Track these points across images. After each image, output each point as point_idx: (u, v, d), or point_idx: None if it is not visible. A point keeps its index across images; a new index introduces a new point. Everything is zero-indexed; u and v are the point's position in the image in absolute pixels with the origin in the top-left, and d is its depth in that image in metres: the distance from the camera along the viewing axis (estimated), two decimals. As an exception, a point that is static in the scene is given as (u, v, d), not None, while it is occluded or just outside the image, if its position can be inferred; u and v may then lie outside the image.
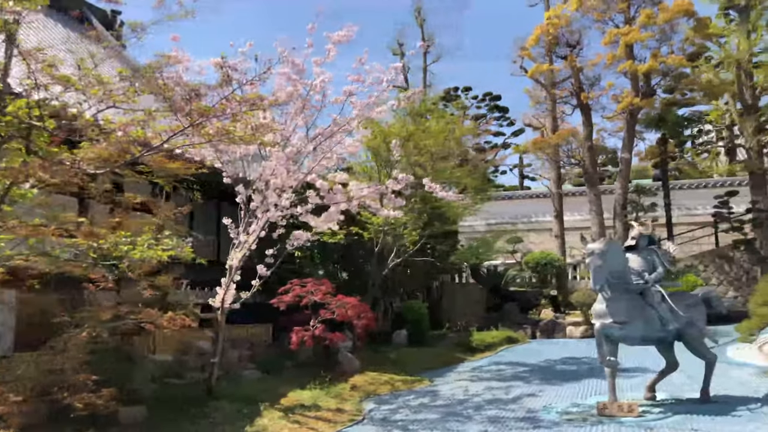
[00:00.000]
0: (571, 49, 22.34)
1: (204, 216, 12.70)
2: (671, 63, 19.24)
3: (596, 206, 21.64)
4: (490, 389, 10.06)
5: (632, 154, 21.86)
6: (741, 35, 22.37)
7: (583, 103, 21.31)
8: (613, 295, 8.07)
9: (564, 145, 22.07)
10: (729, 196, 21.94)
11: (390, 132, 11.38)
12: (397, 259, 12.47)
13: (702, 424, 7.19)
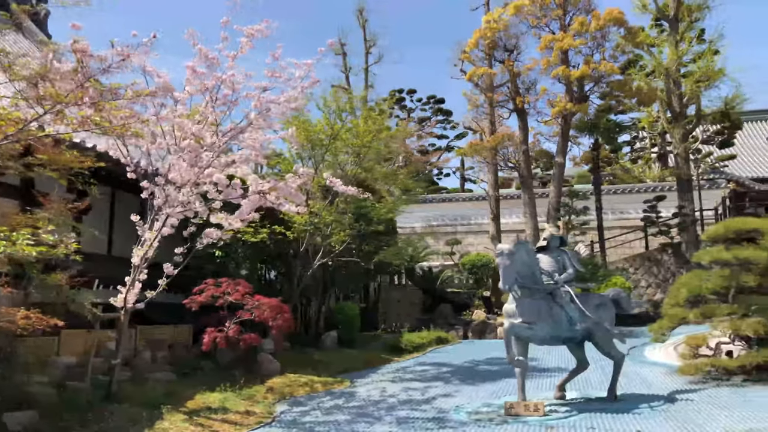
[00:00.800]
0: (509, 53, 22.65)
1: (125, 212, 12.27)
2: (603, 70, 19.72)
3: (530, 209, 21.98)
4: (408, 390, 10.02)
5: (566, 159, 22.29)
6: (670, 45, 23.19)
7: (519, 107, 21.63)
8: (523, 295, 8.15)
9: (502, 148, 22.33)
10: (657, 200, 22.67)
11: (315, 130, 11.22)
12: (322, 260, 12.29)
13: (601, 422, 7.31)
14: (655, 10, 23.86)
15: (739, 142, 36.75)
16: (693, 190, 22.80)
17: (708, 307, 10.02)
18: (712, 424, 7.03)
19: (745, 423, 7.01)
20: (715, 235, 10.38)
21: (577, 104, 20.67)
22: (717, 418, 7.25)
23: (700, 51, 23.15)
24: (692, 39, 24.12)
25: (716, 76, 22.18)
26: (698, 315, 10.13)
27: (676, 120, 22.61)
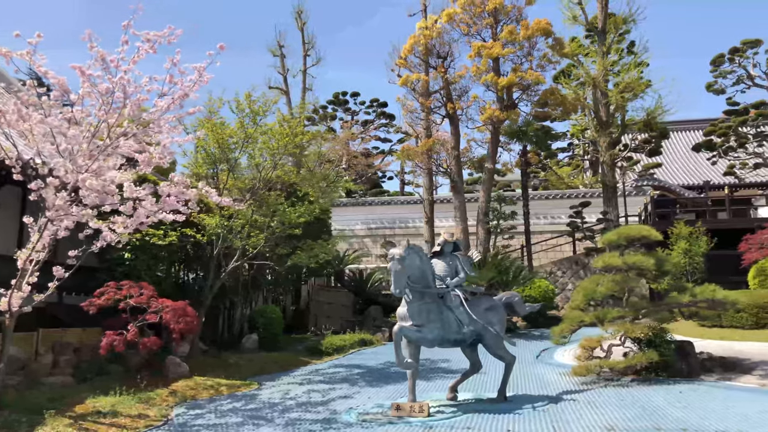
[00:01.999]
0: (443, 60, 23.07)
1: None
2: (529, 78, 20.28)
3: (461, 213, 22.43)
4: (311, 392, 10.13)
5: (495, 164, 22.82)
6: (598, 56, 24.00)
7: (451, 113, 22.05)
8: (414, 298, 8.38)
9: (434, 153, 22.71)
10: (582, 206, 23.42)
11: (226, 133, 11.23)
12: (236, 263, 12.30)
13: (480, 422, 7.57)
14: (584, 21, 24.66)
15: (666, 151, 38.26)
16: (618, 197, 23.64)
17: (600, 310, 10.47)
18: (579, 422, 7.39)
19: (610, 420, 7.39)
20: (609, 241, 10.85)
21: (505, 111, 21.22)
22: (586, 417, 7.63)
23: (627, 62, 24.04)
24: (620, 51, 25.09)
25: (640, 87, 23.09)
26: (592, 318, 10.57)
27: (602, 129, 23.43)
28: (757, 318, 13.39)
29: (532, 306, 9.98)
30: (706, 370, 10.42)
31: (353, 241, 30.07)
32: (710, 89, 30.66)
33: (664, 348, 10.27)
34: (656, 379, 10.09)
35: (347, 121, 37.93)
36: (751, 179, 32.30)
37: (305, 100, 26.53)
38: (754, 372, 10.04)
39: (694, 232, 18.74)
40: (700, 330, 14.10)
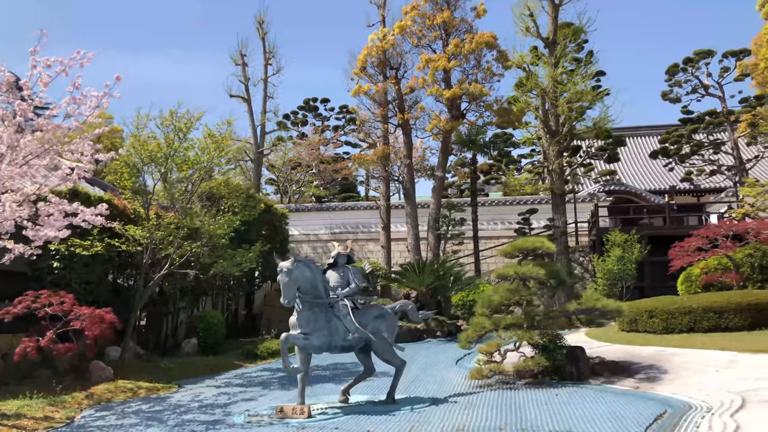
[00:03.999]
0: (396, 70, 23.74)
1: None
2: (473, 90, 20.95)
3: (412, 219, 23.10)
4: (222, 395, 10.75)
5: (446, 173, 23.48)
6: (549, 67, 24.69)
7: (400, 122, 22.71)
8: (303, 308, 9.02)
9: (386, 161, 23.36)
10: (530, 213, 24.11)
11: (148, 148, 11.80)
12: (162, 272, 12.90)
13: (353, 423, 8.16)
14: (536, 33, 25.33)
15: (633, 157, 39.14)
16: (568, 203, 24.34)
17: (496, 318, 11.12)
18: (439, 423, 7.99)
19: (469, 421, 8.01)
20: (506, 252, 11.50)
21: (452, 121, 21.89)
22: (449, 417, 8.23)
23: (578, 72, 24.71)
24: (578, 60, 25.76)
25: (586, 97, 23.80)
26: (490, 325, 11.22)
27: (551, 138, 24.11)
28: (667, 323, 14.04)
29: (425, 313, 10.63)
30: (596, 373, 11.06)
31: (317, 245, 30.69)
32: (666, 98, 31.46)
33: (557, 353, 10.92)
34: (548, 382, 10.73)
35: (318, 126, 38.61)
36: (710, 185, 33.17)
37: (267, 109, 27.12)
38: (637, 375, 10.69)
39: (628, 239, 19.45)
40: (629, 335, 14.68)
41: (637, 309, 14.88)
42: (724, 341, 12.17)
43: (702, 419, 7.36)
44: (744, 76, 29.54)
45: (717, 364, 10.56)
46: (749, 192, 19.43)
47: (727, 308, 13.61)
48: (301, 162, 34.79)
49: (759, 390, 8.60)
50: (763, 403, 7.84)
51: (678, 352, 11.93)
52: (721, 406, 8.01)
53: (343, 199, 36.09)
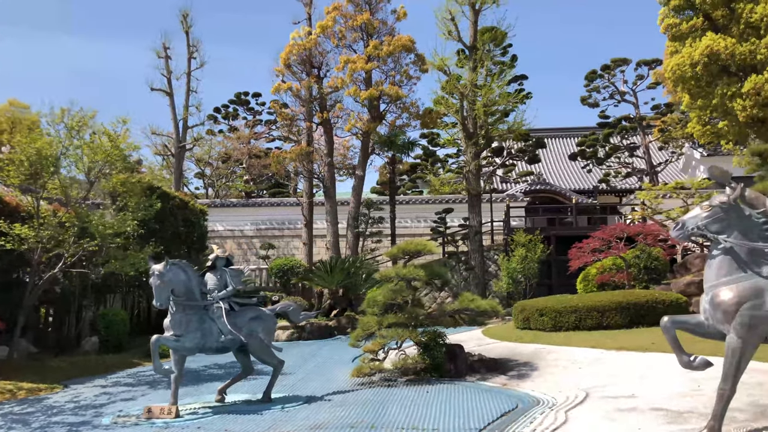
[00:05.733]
0: (317, 69, 23.90)
1: None
2: (389, 92, 21.35)
3: (332, 217, 23.36)
4: (104, 395, 10.77)
5: (365, 172, 23.84)
6: (469, 71, 25.35)
7: (320, 121, 22.91)
8: (176, 310, 9.17)
9: (306, 159, 23.52)
10: (446, 212, 24.74)
11: (36, 146, 11.64)
12: (55, 270, 12.76)
13: (219, 422, 8.37)
14: (457, 37, 25.95)
15: (558, 157, 40.46)
16: (481, 204, 25.07)
17: (380, 317, 11.51)
18: (302, 420, 8.30)
19: (334, 418, 8.34)
20: (392, 254, 11.91)
21: (372, 122, 22.25)
22: (312, 416, 8.52)
23: (495, 77, 25.46)
24: (501, 64, 26.53)
25: (503, 100, 24.57)
26: (376, 324, 11.60)
27: (468, 140, 24.80)
28: (555, 321, 14.77)
29: (306, 314, 10.93)
30: (474, 370, 11.60)
31: (242, 241, 30.63)
32: (585, 102, 32.73)
33: (437, 351, 11.40)
34: (428, 379, 11.19)
35: (249, 120, 38.37)
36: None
37: (189, 103, 26.86)
38: (510, 372, 11.28)
39: (533, 239, 20.25)
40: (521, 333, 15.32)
41: (530, 307, 15.60)
42: (600, 339, 12.94)
43: (540, 414, 7.90)
44: (656, 84, 31.00)
45: (583, 362, 11.24)
46: (645, 196, 20.53)
47: (609, 307, 14.41)
48: (230, 156, 34.52)
49: (606, 386, 9.25)
50: (603, 399, 8.46)
51: (555, 350, 12.62)
52: (565, 401, 8.60)
53: (272, 195, 36.02)
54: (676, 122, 29.23)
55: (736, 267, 5.83)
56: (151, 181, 20.06)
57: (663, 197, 21.11)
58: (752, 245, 5.81)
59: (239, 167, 36.57)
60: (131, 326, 17.26)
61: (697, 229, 6.01)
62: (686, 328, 6.15)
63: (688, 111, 23.21)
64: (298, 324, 12.38)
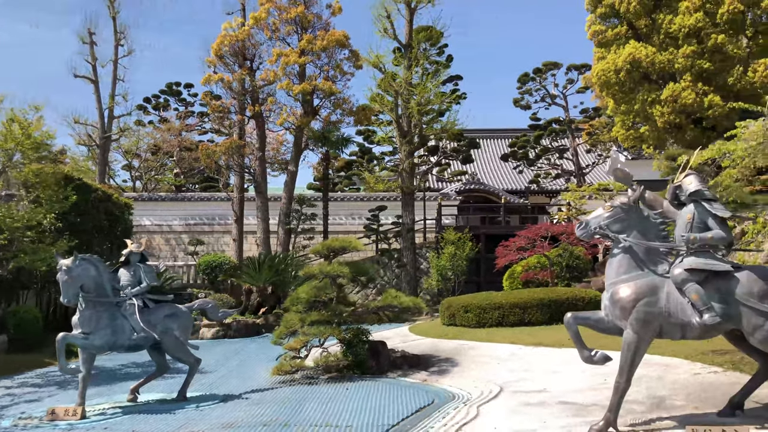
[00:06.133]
0: (250, 62, 23.49)
1: None
2: (323, 86, 21.21)
3: (263, 213, 23.04)
4: (6, 396, 10.25)
5: (298, 167, 23.59)
6: (404, 69, 25.48)
7: (251, 114, 22.54)
8: (86, 307, 8.80)
9: (236, 153, 23.10)
10: (379, 210, 24.82)
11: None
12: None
13: (129, 422, 8.10)
14: (393, 35, 26.04)
15: (492, 157, 41.22)
16: (414, 202, 25.27)
17: (303, 315, 11.41)
18: (216, 419, 8.14)
19: (247, 417, 8.20)
20: (316, 251, 11.83)
21: (305, 117, 22.05)
22: (230, 414, 8.37)
23: (429, 76, 25.70)
24: (432, 64, 26.78)
25: (437, 100, 24.84)
26: (298, 321, 11.49)
27: (403, 138, 24.94)
28: (479, 318, 15.03)
29: (225, 311, 10.72)
30: (396, 367, 11.64)
31: (170, 237, 29.79)
32: (517, 104, 33.49)
33: (359, 348, 11.39)
34: (350, 376, 11.17)
35: (181, 111, 37.36)
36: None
37: (116, 92, 25.90)
38: (431, 369, 11.39)
39: (462, 237, 20.57)
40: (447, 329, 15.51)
41: (456, 304, 15.82)
42: (520, 335, 13.25)
43: (454, 409, 8.01)
44: (585, 88, 32.03)
45: (502, 357, 11.48)
46: (570, 197, 21.20)
47: (531, 304, 14.78)
48: (159, 148, 33.53)
49: (520, 381, 9.47)
50: (515, 393, 8.65)
51: (477, 346, 12.84)
52: (480, 395, 8.76)
53: (204, 189, 35.22)
54: (603, 126, 30.30)
55: (634, 265, 6.05)
56: (71, 172, 19.21)
57: (587, 198, 21.82)
58: (649, 244, 6.05)
59: (169, 160, 35.56)
60: (46, 324, 16.48)
61: (600, 229, 6.21)
62: (588, 324, 6.36)
63: (613, 115, 24.12)
64: (216, 321, 12.10)
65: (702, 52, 19.10)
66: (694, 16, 18.76)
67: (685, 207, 6.12)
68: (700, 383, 7.89)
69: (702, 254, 5.86)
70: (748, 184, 17.85)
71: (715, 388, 7.46)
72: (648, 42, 20.66)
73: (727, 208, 6.42)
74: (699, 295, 5.66)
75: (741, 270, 5.85)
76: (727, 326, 5.85)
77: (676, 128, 20.19)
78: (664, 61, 19.50)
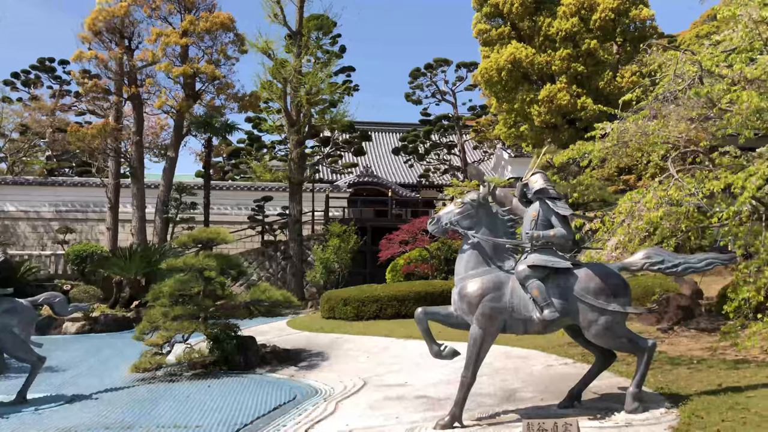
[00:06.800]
0: (128, 39, 22.11)
1: None
2: (205, 70, 20.34)
3: (139, 201, 21.83)
4: None
5: (178, 153, 22.58)
6: (294, 57, 24.96)
7: (127, 96, 21.25)
8: None
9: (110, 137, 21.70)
10: (265, 200, 24.26)
11: None
12: None
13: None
14: (283, 21, 25.44)
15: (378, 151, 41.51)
16: (302, 193, 24.91)
17: (166, 309, 10.83)
18: (55, 423, 7.50)
19: (93, 418, 7.62)
20: (180, 242, 11.27)
21: (186, 101, 21.06)
22: (74, 417, 7.74)
23: (319, 66, 25.35)
24: (324, 53, 26.44)
25: (327, 90, 24.55)
26: (161, 316, 10.89)
27: (291, 127, 24.46)
28: (358, 310, 15.00)
29: (77, 305, 9.97)
30: (266, 362, 11.30)
31: (38, 224, 27.63)
32: (409, 99, 33.85)
33: (227, 343, 10.98)
34: (216, 372, 10.73)
35: (55, 89, 34.69)
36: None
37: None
38: (301, 363, 11.18)
39: (347, 230, 20.50)
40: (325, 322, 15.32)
41: (335, 297, 15.71)
42: (394, 328, 13.33)
43: (312, 405, 7.84)
44: (474, 86, 32.87)
45: (373, 350, 11.47)
46: (453, 192, 21.67)
47: (408, 297, 14.94)
48: (28, 128, 30.98)
49: (387, 374, 9.47)
50: (378, 387, 8.61)
51: (352, 339, 12.78)
52: (343, 390, 8.64)
53: (80, 174, 32.91)
54: (489, 124, 31.27)
55: (481, 261, 6.12)
56: None
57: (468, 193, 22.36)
58: (496, 241, 6.14)
59: (41, 141, 32.94)
60: None
61: (450, 224, 6.24)
62: (438, 319, 6.38)
63: (497, 113, 24.88)
64: (64, 317, 11.26)
65: (577, 56, 20.09)
66: (571, 21, 19.67)
67: (532, 205, 6.27)
68: (551, 375, 8.20)
69: (545, 251, 6.01)
70: (611, 183, 19.02)
71: (564, 379, 7.76)
72: (530, 43, 21.47)
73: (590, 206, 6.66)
74: (540, 291, 5.80)
75: (580, 267, 6.07)
76: (566, 321, 6.05)
77: (552, 128, 21.15)
78: (543, 62, 20.34)
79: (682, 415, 5.59)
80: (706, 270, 6.23)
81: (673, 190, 7.30)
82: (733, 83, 8.23)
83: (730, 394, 6.09)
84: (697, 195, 7.24)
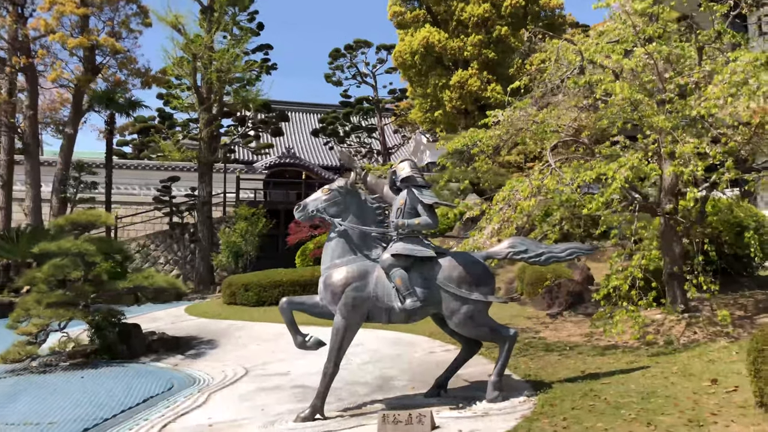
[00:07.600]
0: (21, 7, 20.61)
1: None
2: (104, 43, 19.23)
3: (33, 179, 20.54)
4: None
5: (77, 130, 21.34)
6: (206, 33, 23.99)
7: (18, 67, 19.84)
8: None
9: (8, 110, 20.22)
10: (171, 181, 23.36)
11: None
12: None
13: None
14: (194, -6, 24.43)
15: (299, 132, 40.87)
16: (212, 174, 24.13)
17: (40, 295, 10.18)
18: None
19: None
20: (56, 224, 10.61)
21: (86, 75, 19.88)
22: None
23: (231, 42, 24.49)
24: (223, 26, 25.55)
25: (240, 68, 23.78)
26: (33, 303, 10.22)
27: (201, 105, 23.58)
28: (259, 296, 14.66)
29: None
30: (152, 350, 10.84)
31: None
32: (329, 80, 33.37)
33: (109, 331, 10.45)
34: (95, 362, 10.19)
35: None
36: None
37: None
38: (189, 352, 10.78)
39: (255, 212, 20.01)
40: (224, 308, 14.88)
41: (236, 282, 15.29)
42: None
43: (184, 397, 7.52)
44: (394, 69, 32.74)
45: (266, 338, 11.22)
46: (368, 175, 21.51)
47: (312, 282, 14.63)
48: None
49: (272, 363, 9.25)
50: (258, 377, 8.38)
51: (247, 326, 12.46)
52: (222, 379, 8.37)
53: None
54: (408, 108, 31.26)
55: (348, 250, 5.97)
56: None
57: (385, 177, 22.29)
58: (362, 229, 5.99)
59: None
60: None
61: (317, 212, 6.05)
62: (303, 308, 6.21)
63: (412, 98, 24.85)
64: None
65: (488, 42, 20.27)
66: (483, 7, 19.79)
67: (401, 193, 6.15)
68: (429, 362, 8.20)
69: (410, 240, 5.92)
70: (519, 170, 19.36)
71: (440, 367, 7.73)
72: (445, 28, 21.47)
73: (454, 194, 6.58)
74: (403, 280, 5.70)
75: (444, 256, 6.01)
76: (430, 310, 5.99)
77: (464, 113, 21.30)
78: (456, 47, 20.40)
79: (538, 403, 5.65)
80: (569, 259, 6.32)
81: (548, 180, 7.36)
82: (615, 74, 8.40)
83: (588, 381, 6.22)
84: (572, 185, 7.33)
